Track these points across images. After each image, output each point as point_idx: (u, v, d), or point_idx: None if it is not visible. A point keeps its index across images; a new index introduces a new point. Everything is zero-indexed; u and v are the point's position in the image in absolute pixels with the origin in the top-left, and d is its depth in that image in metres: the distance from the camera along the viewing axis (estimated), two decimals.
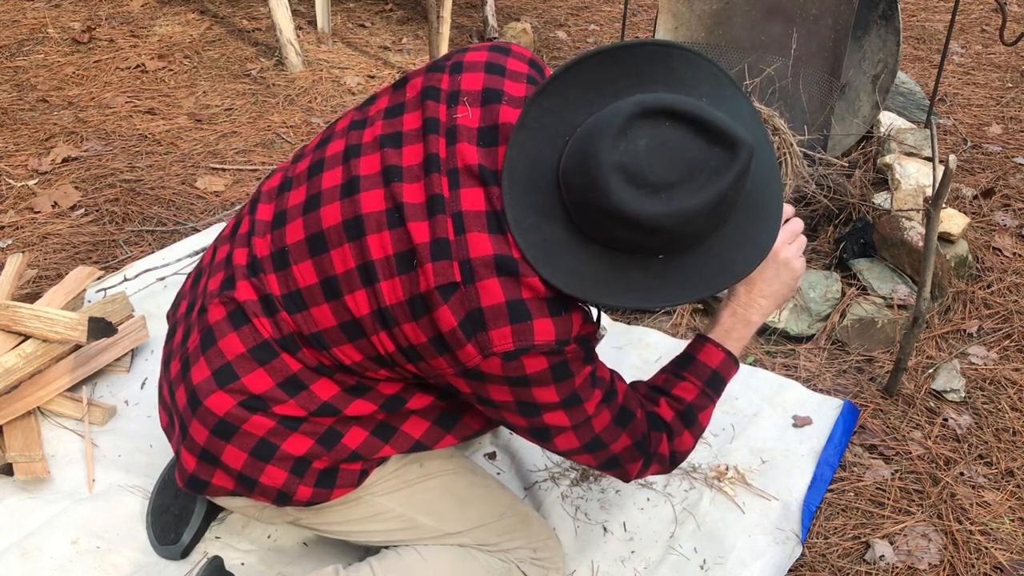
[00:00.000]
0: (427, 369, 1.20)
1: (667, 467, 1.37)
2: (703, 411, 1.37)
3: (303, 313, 1.25)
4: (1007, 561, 1.71)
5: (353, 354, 1.23)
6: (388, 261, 1.18)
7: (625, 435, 1.28)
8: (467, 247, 1.14)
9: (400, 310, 1.17)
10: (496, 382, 1.17)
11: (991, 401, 2.10)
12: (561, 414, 1.21)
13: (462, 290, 1.13)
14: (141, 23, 4.32)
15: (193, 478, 1.35)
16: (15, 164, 3.04)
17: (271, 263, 1.28)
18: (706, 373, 1.38)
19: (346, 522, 1.42)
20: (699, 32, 2.97)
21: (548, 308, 1.14)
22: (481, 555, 1.45)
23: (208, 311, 1.32)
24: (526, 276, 1.13)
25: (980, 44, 4.29)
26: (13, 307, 1.92)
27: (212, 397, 1.28)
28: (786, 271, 1.39)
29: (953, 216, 2.44)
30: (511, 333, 1.13)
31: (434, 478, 1.45)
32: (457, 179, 1.17)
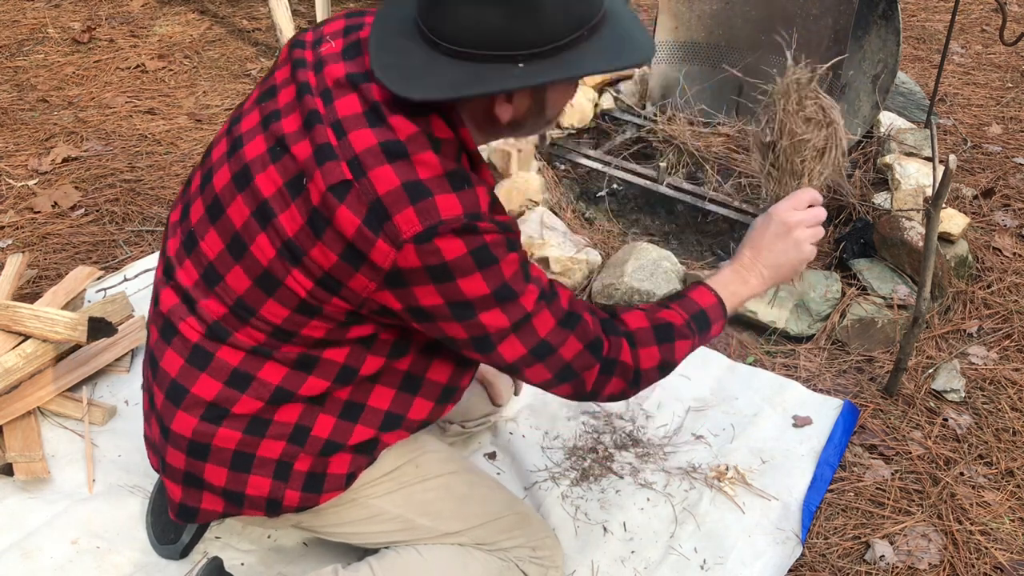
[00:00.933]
0: (352, 297, 1.16)
1: (630, 381, 1.30)
2: (682, 339, 1.32)
3: (220, 285, 1.23)
4: (1007, 561, 1.70)
5: (278, 310, 1.20)
6: (280, 193, 1.16)
7: (573, 337, 1.23)
8: (351, 145, 1.12)
9: (303, 235, 1.14)
10: (420, 280, 1.13)
11: (991, 401, 2.10)
12: (497, 312, 1.17)
13: (355, 186, 1.11)
14: (141, 23, 4.32)
15: (183, 507, 1.35)
16: (15, 164, 3.04)
17: (183, 253, 1.29)
18: (694, 308, 1.36)
19: (344, 524, 1.42)
20: (699, 32, 2.97)
21: (448, 183, 1.12)
22: (480, 554, 1.45)
23: (149, 336, 1.34)
24: (416, 154, 1.12)
25: (980, 44, 4.29)
26: (13, 307, 1.92)
27: (175, 420, 1.28)
28: (795, 251, 1.40)
29: (953, 216, 2.44)
30: (415, 213, 1.09)
31: (431, 479, 1.45)
32: (330, 95, 1.17)
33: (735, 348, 2.27)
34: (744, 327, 2.34)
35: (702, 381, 2.13)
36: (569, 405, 2.05)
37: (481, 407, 1.86)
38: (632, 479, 1.86)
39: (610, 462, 1.90)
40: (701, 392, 2.10)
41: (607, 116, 3.20)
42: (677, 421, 2.02)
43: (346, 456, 1.34)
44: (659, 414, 2.04)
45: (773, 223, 1.41)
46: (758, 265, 1.41)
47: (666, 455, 1.92)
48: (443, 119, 1.17)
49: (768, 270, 1.41)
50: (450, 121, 1.17)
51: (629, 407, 2.05)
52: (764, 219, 1.43)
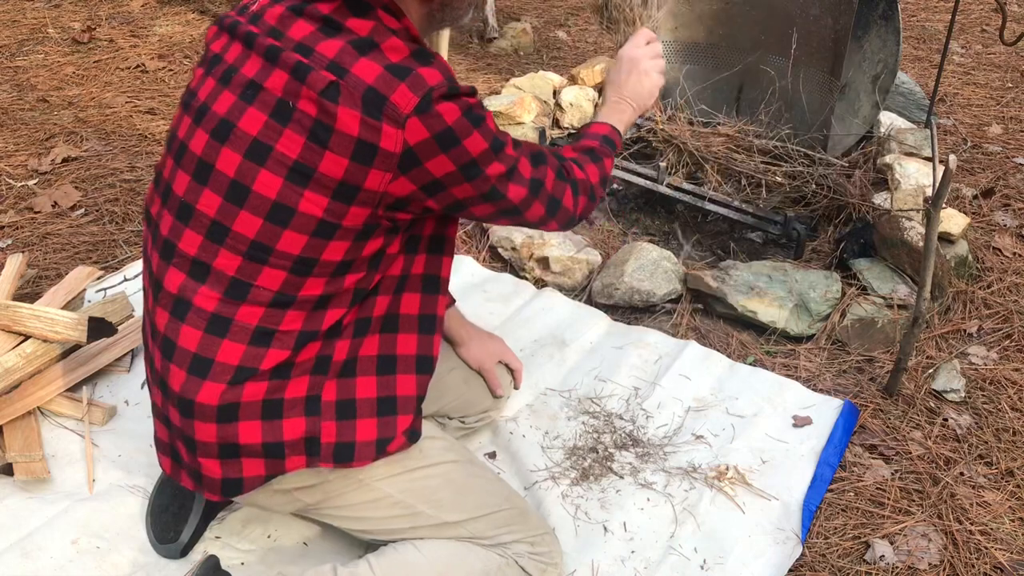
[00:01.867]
0: (368, 198, 1.21)
1: (588, 195, 1.48)
2: (605, 156, 1.55)
3: (230, 236, 1.25)
4: (1007, 561, 1.71)
5: (296, 239, 1.23)
6: (267, 126, 1.21)
7: (547, 168, 1.39)
8: (323, 54, 1.19)
9: (308, 152, 1.19)
10: (431, 152, 1.20)
11: (991, 401, 2.10)
12: (496, 163, 1.28)
13: (343, 85, 1.16)
14: (141, 23, 4.32)
15: (226, 482, 1.34)
16: (15, 164, 3.04)
17: (180, 226, 1.30)
18: (599, 133, 1.59)
19: (347, 506, 1.43)
20: (699, 32, 2.97)
21: (419, 59, 1.21)
22: (479, 550, 1.45)
23: (156, 323, 1.34)
24: (384, 42, 1.20)
25: (980, 44, 4.29)
26: (13, 307, 1.92)
27: (201, 392, 1.28)
28: (647, 79, 1.64)
29: (953, 216, 2.44)
30: (407, 88, 1.17)
31: (434, 466, 1.46)
32: (278, 31, 1.24)
33: (735, 348, 2.27)
34: (744, 327, 2.34)
35: (702, 381, 2.13)
36: (569, 404, 2.05)
37: (481, 402, 1.86)
38: (632, 479, 1.86)
39: (610, 462, 1.90)
40: (701, 392, 2.10)
41: None
42: (677, 421, 2.02)
43: (370, 380, 1.36)
44: (659, 414, 2.04)
45: (623, 63, 1.65)
46: (624, 98, 1.64)
47: (666, 455, 1.92)
48: (388, 12, 1.24)
49: (632, 100, 1.64)
50: (394, 13, 1.25)
51: (629, 407, 2.05)
52: (615, 63, 1.67)
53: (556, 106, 3.17)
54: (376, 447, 1.38)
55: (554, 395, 2.09)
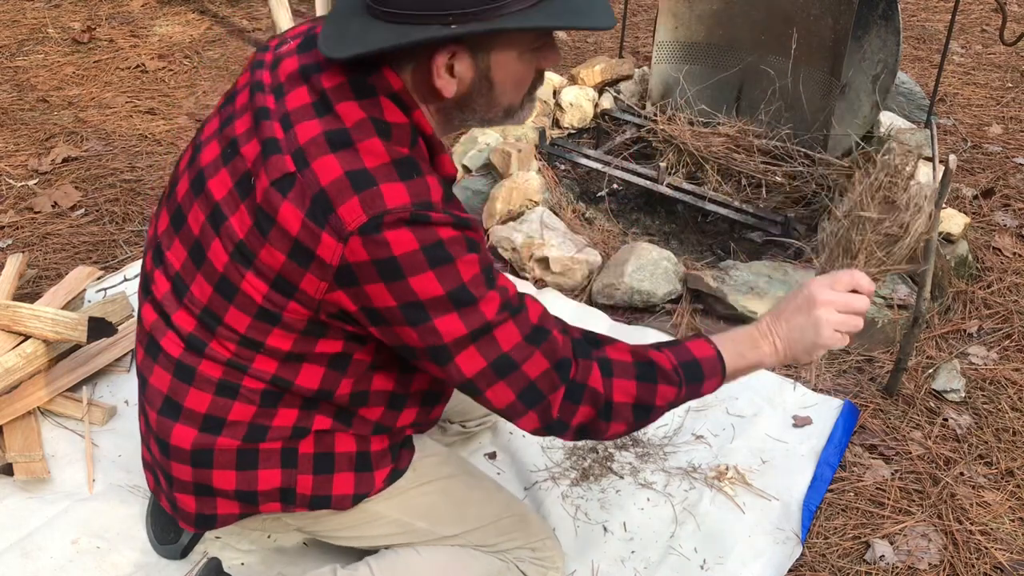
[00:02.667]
0: (307, 300, 1.12)
1: (600, 411, 1.19)
2: (665, 384, 1.22)
3: (187, 296, 1.22)
4: (1007, 561, 1.70)
5: (240, 317, 1.17)
6: (231, 194, 1.15)
7: (539, 353, 1.14)
8: (296, 137, 1.10)
9: (252, 236, 1.11)
10: (369, 278, 1.07)
11: (991, 401, 2.10)
12: (453, 317, 1.09)
13: (299, 179, 1.07)
14: (141, 23, 4.32)
15: (200, 517, 1.34)
16: (15, 164, 3.04)
17: (155, 265, 1.29)
18: (687, 356, 1.25)
19: (343, 527, 1.42)
20: (699, 32, 2.97)
21: (396, 171, 1.08)
22: (480, 554, 1.45)
23: (136, 355, 1.35)
24: (361, 141, 1.08)
25: (980, 44, 4.29)
26: (13, 307, 1.92)
27: (173, 434, 1.28)
28: (813, 331, 1.26)
29: (953, 216, 2.44)
30: (359, 203, 1.05)
31: (429, 483, 1.44)
32: (282, 90, 1.15)
33: None
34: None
35: None
36: None
37: (482, 407, 1.86)
38: (632, 479, 1.86)
39: (610, 462, 1.90)
40: None
41: (607, 116, 3.20)
42: (677, 421, 2.02)
43: (349, 437, 1.33)
44: None
45: (801, 295, 1.28)
46: (773, 334, 1.29)
47: (666, 455, 1.92)
48: (394, 102, 1.13)
49: (782, 342, 1.28)
50: (402, 104, 1.14)
51: None
52: (797, 289, 1.31)
53: (556, 106, 3.17)
54: (353, 500, 1.35)
55: None
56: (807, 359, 1.31)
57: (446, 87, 1.14)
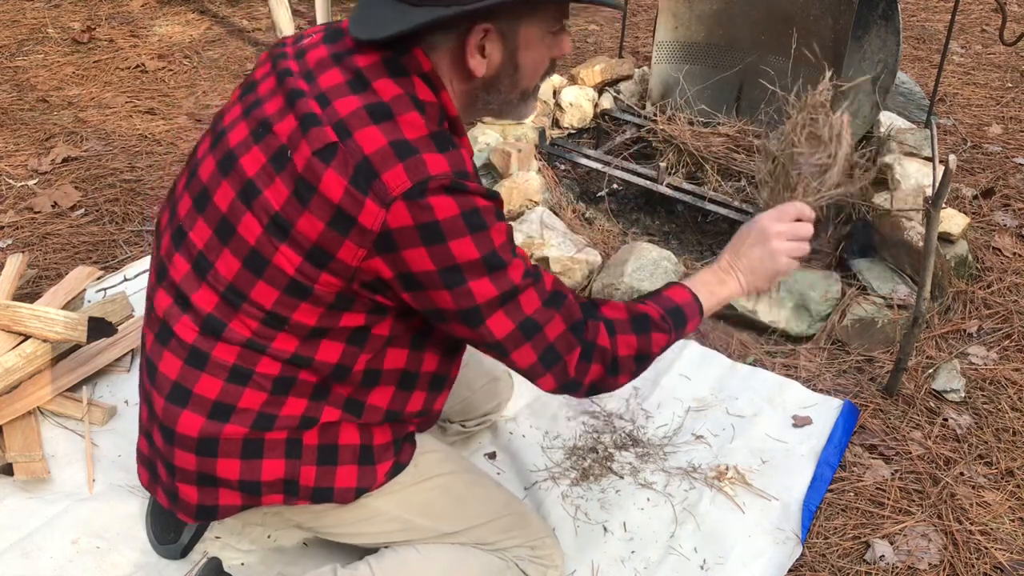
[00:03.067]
0: (342, 269, 1.15)
1: (608, 367, 1.29)
2: (658, 332, 1.33)
3: (211, 273, 1.22)
4: (1007, 561, 1.70)
5: (268, 291, 1.19)
6: (264, 169, 1.17)
7: (559, 316, 1.23)
8: (336, 111, 1.13)
9: (289, 207, 1.14)
10: (411, 242, 1.11)
11: (991, 401, 2.10)
12: (486, 281, 1.16)
13: (341, 148, 1.11)
14: (141, 23, 4.32)
15: (201, 508, 1.34)
16: (15, 164, 3.04)
17: (172, 249, 1.29)
18: (669, 304, 1.37)
19: (343, 524, 1.42)
20: (699, 32, 2.97)
21: (434, 143, 1.13)
22: (480, 553, 1.45)
23: (145, 343, 1.34)
24: (401, 114, 1.13)
25: (980, 44, 4.29)
26: (13, 307, 1.92)
27: (180, 421, 1.27)
28: (770, 260, 1.41)
29: (953, 216, 2.44)
30: (404, 170, 1.10)
31: (430, 480, 1.44)
32: (312, 74, 1.19)
33: (735, 348, 2.27)
34: (744, 327, 2.34)
35: (702, 381, 2.13)
36: (570, 404, 2.05)
37: (482, 406, 1.86)
38: (632, 479, 1.86)
39: (610, 462, 1.90)
40: (701, 392, 2.10)
41: (607, 116, 3.20)
42: (677, 421, 2.02)
43: (354, 429, 1.34)
44: (659, 414, 2.04)
45: (754, 230, 1.43)
46: (735, 269, 1.43)
47: (666, 455, 1.92)
48: (425, 82, 1.18)
49: (744, 275, 1.43)
50: (431, 84, 1.19)
51: (629, 407, 2.05)
52: (748, 225, 1.45)
53: (556, 106, 3.17)
54: (356, 492, 1.36)
55: (554, 395, 2.08)
56: (767, 287, 1.45)
57: (478, 66, 1.20)
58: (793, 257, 1.42)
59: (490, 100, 1.28)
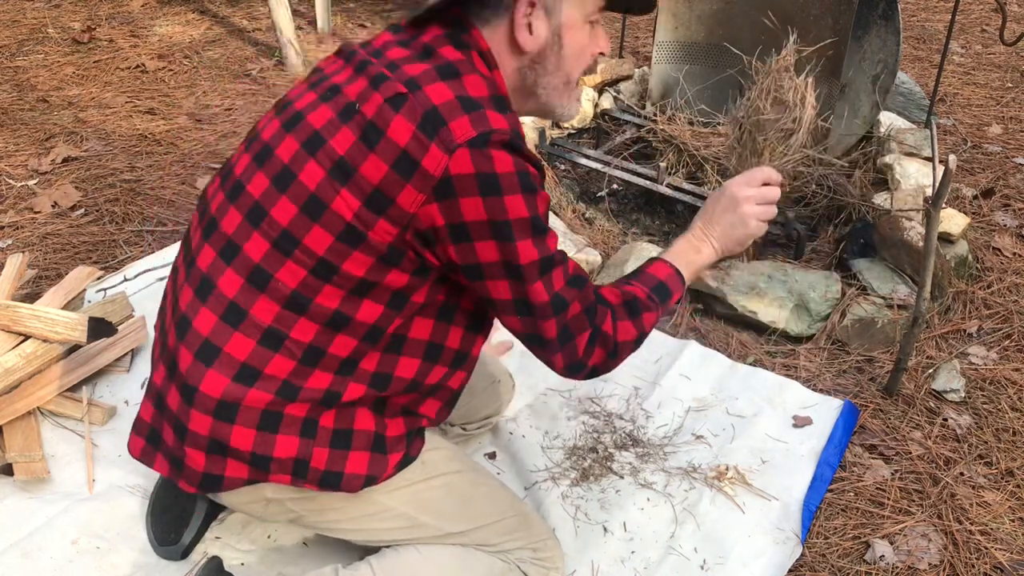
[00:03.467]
0: (398, 216, 1.18)
1: (608, 351, 1.34)
2: (647, 311, 1.39)
3: (265, 220, 1.24)
4: (1007, 561, 1.71)
5: (322, 237, 1.21)
6: (331, 122, 1.22)
7: (578, 298, 1.29)
8: (405, 72, 1.20)
9: (355, 150, 1.18)
10: (468, 190, 1.16)
11: (991, 401, 2.10)
12: (531, 243, 1.21)
13: (411, 98, 1.17)
14: (141, 23, 4.32)
15: (206, 476, 1.32)
16: (15, 164, 3.04)
17: (226, 204, 1.30)
18: (653, 281, 1.43)
19: (347, 520, 1.41)
20: (699, 32, 2.97)
21: (495, 105, 1.20)
22: (482, 555, 1.45)
23: (179, 301, 1.33)
24: (467, 75, 1.21)
25: (980, 44, 4.29)
26: (13, 307, 1.92)
27: (204, 380, 1.27)
28: (741, 225, 1.46)
29: (953, 216, 2.44)
30: (469, 121, 1.15)
31: (437, 477, 1.44)
32: (380, 51, 1.26)
33: (735, 348, 2.27)
34: (744, 327, 2.34)
35: (702, 381, 2.13)
36: (570, 404, 2.05)
37: (483, 409, 1.86)
38: (632, 479, 1.86)
39: (610, 462, 1.90)
40: (701, 392, 2.10)
41: (607, 116, 3.20)
42: (677, 421, 2.02)
43: (369, 415, 1.34)
44: (659, 414, 2.04)
45: (724, 197, 1.48)
46: (708, 236, 1.49)
47: (666, 455, 1.92)
48: (482, 59, 1.26)
49: (718, 241, 1.49)
50: (488, 63, 1.27)
51: (629, 407, 2.05)
52: (718, 192, 1.50)
53: None
54: (365, 481, 1.35)
55: (554, 395, 2.09)
56: (740, 250, 1.51)
57: (526, 40, 1.28)
58: (762, 220, 1.48)
59: (537, 81, 1.33)
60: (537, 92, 1.35)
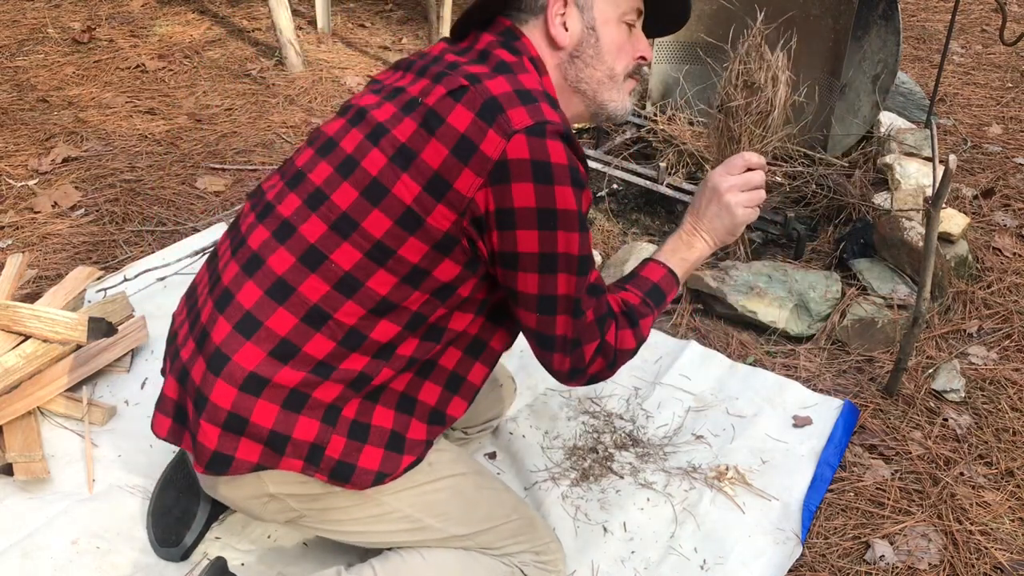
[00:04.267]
0: (456, 201, 1.21)
1: (609, 361, 1.36)
2: (643, 318, 1.41)
3: (325, 204, 1.27)
4: (1007, 561, 1.71)
5: (381, 221, 1.24)
6: (395, 116, 1.26)
7: (594, 307, 1.32)
8: (466, 70, 1.25)
9: (417, 137, 1.22)
10: (522, 176, 1.19)
11: (991, 401, 2.10)
12: (575, 236, 1.24)
13: (472, 89, 1.21)
14: (141, 23, 4.32)
15: (216, 456, 1.30)
16: (15, 164, 3.04)
17: (285, 191, 1.34)
18: (647, 285, 1.45)
19: (350, 521, 1.41)
20: (699, 32, 2.97)
21: (548, 101, 1.24)
22: (485, 558, 1.45)
23: (222, 277, 1.33)
24: (522, 73, 1.26)
25: (980, 44, 4.29)
26: (13, 307, 1.92)
27: (241, 351, 1.27)
28: (728, 215, 1.46)
29: (953, 216, 2.44)
30: (526, 112, 1.20)
31: (442, 479, 1.44)
32: (438, 58, 1.32)
33: (735, 348, 2.27)
34: (744, 327, 2.34)
35: (702, 381, 2.13)
36: (570, 404, 2.05)
37: (485, 413, 1.86)
38: (632, 479, 1.86)
39: (610, 462, 1.90)
40: (701, 392, 2.10)
41: None
42: (677, 421, 2.02)
43: (389, 412, 1.34)
44: (659, 414, 2.04)
45: (707, 189, 1.48)
46: (698, 230, 1.49)
47: (666, 455, 1.92)
48: (533, 65, 1.31)
49: (708, 234, 1.49)
50: (537, 68, 1.32)
51: (629, 407, 2.05)
52: (702, 184, 1.50)
53: None
54: (375, 478, 1.35)
55: (554, 395, 2.09)
56: (733, 240, 1.50)
57: (560, 36, 1.34)
58: (750, 206, 1.47)
59: (579, 76, 1.37)
60: (581, 88, 1.39)
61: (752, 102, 1.75)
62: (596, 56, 1.36)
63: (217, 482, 1.38)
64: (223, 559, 1.54)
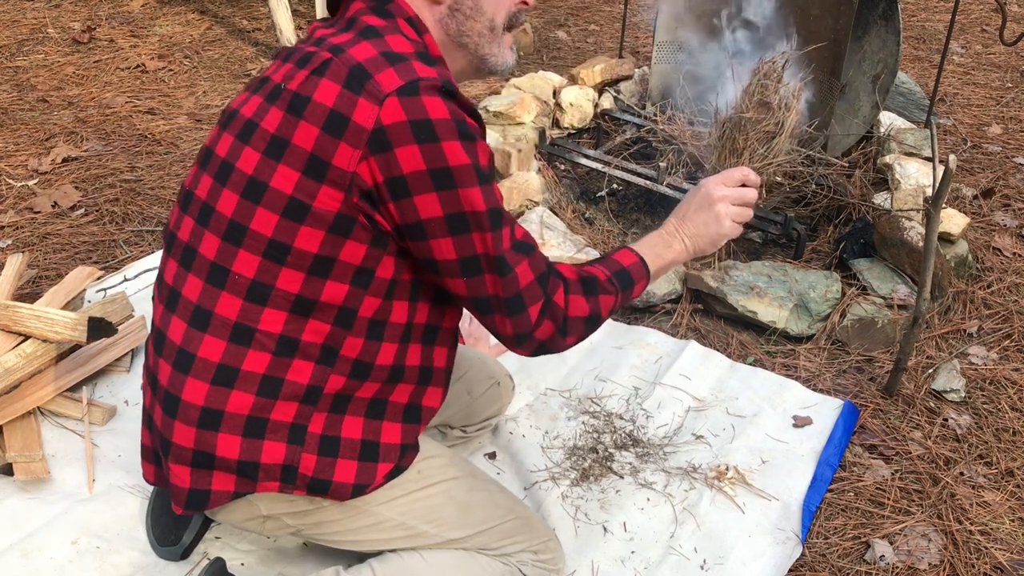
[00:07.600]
0: (339, 178, 1.16)
1: (558, 324, 1.29)
2: (605, 294, 1.35)
3: (213, 217, 1.24)
4: (1007, 561, 1.71)
5: (267, 217, 1.20)
6: (260, 108, 1.23)
7: (527, 264, 1.25)
8: (329, 42, 1.21)
9: (285, 123, 1.18)
10: (404, 139, 1.13)
11: (991, 401, 2.10)
12: (477, 191, 1.17)
13: (335, 60, 1.17)
14: (141, 23, 4.32)
15: (192, 494, 1.31)
16: (15, 164, 3.04)
17: (181, 215, 1.31)
18: (616, 267, 1.39)
19: (346, 531, 1.41)
20: (699, 32, 2.97)
21: (421, 59, 1.20)
22: (483, 558, 1.45)
23: (156, 320, 1.33)
24: (390, 35, 1.22)
25: (980, 44, 4.29)
26: (13, 307, 1.92)
27: (185, 388, 1.26)
28: (715, 224, 1.44)
29: (953, 216, 2.44)
30: (395, 72, 1.15)
31: (434, 485, 1.43)
32: (308, 38, 1.29)
33: (735, 348, 2.27)
34: (744, 327, 2.34)
35: (702, 381, 2.13)
36: (570, 404, 2.05)
37: (483, 412, 1.86)
38: (632, 479, 1.86)
39: (610, 462, 1.90)
40: (701, 392, 2.10)
41: (607, 116, 3.20)
42: (677, 421, 2.02)
43: (358, 421, 1.33)
44: (659, 414, 2.04)
45: (699, 194, 1.46)
46: (680, 233, 1.46)
47: (666, 455, 1.92)
48: (410, 25, 1.26)
49: (690, 239, 1.45)
50: (415, 28, 1.28)
51: (629, 407, 2.05)
52: (694, 189, 1.48)
53: (556, 106, 3.17)
54: (353, 490, 1.34)
55: (554, 395, 2.09)
56: (712, 250, 1.47)
57: None
58: (737, 222, 1.45)
59: (460, 29, 1.32)
60: (463, 41, 1.33)
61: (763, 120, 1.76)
62: (475, 7, 1.32)
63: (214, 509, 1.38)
64: (222, 559, 1.54)
